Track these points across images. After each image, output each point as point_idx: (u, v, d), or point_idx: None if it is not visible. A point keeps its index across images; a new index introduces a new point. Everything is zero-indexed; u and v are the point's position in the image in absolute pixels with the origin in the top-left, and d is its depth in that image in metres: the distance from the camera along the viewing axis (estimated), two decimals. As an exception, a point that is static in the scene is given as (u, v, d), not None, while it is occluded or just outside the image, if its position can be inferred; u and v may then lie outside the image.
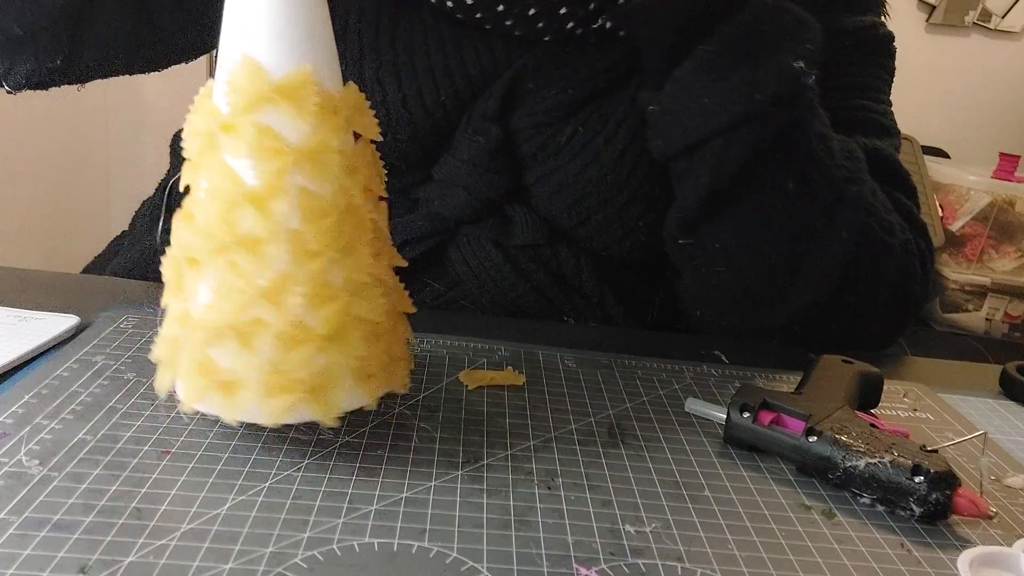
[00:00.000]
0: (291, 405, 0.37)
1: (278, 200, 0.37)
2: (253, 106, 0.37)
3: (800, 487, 0.43)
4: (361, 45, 0.62)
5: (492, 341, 0.56)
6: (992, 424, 0.54)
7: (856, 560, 0.37)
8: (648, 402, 0.50)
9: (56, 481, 0.36)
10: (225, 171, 0.37)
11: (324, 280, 0.37)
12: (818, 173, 0.59)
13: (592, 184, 0.63)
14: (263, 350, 0.37)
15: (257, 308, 0.36)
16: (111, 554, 0.32)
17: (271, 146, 0.37)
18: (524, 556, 0.35)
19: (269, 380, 0.37)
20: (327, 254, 0.37)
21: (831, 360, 0.52)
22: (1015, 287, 2.16)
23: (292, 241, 0.37)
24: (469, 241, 0.64)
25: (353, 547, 0.34)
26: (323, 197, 0.37)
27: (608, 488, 0.40)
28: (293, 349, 0.37)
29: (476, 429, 0.44)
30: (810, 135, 0.59)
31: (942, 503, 0.40)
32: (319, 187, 0.37)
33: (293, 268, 0.37)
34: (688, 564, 0.36)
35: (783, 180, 0.59)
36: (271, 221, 0.37)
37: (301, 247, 0.37)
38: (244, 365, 0.37)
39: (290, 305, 0.36)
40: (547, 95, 0.63)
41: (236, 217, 0.37)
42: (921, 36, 2.38)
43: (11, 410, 0.41)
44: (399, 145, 0.63)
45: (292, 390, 0.37)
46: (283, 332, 0.36)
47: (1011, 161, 2.16)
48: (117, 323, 0.52)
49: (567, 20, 0.63)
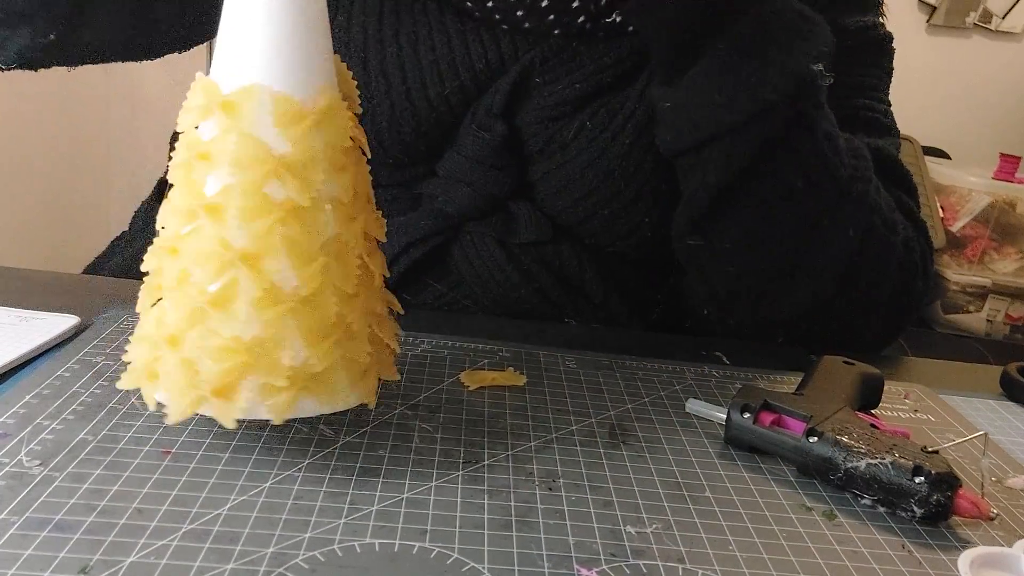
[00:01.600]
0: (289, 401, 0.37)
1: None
2: (203, 118, 0.38)
3: (801, 488, 0.43)
4: (365, 37, 0.62)
5: (493, 342, 0.56)
6: (993, 425, 0.54)
7: (857, 561, 0.37)
8: (649, 403, 0.50)
9: (57, 481, 0.36)
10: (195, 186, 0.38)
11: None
12: (825, 171, 0.59)
13: (599, 179, 0.63)
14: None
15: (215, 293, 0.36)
16: (112, 554, 0.32)
17: (252, 154, 0.37)
18: (525, 557, 0.35)
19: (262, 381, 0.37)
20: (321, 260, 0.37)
21: (832, 361, 0.52)
22: (1016, 288, 2.16)
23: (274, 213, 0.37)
24: (473, 240, 0.64)
25: (354, 547, 0.34)
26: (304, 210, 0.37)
27: (609, 489, 0.40)
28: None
29: (477, 430, 0.44)
30: (818, 133, 0.59)
31: (943, 504, 0.40)
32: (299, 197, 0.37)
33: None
34: (689, 565, 0.36)
35: (791, 178, 0.59)
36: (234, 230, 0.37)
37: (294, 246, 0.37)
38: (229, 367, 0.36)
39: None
40: (554, 90, 0.63)
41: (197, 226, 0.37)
42: (922, 37, 2.38)
43: (12, 410, 0.41)
44: (402, 139, 0.63)
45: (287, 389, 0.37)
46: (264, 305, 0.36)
47: (1012, 162, 2.16)
48: (118, 323, 0.52)
49: (578, 13, 0.63)
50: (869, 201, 0.62)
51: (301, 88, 0.38)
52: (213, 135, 0.37)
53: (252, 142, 0.37)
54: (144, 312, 0.39)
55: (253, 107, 0.37)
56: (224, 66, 0.38)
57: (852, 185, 0.61)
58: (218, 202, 0.37)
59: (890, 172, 0.67)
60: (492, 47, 0.63)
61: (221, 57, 0.38)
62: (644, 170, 0.63)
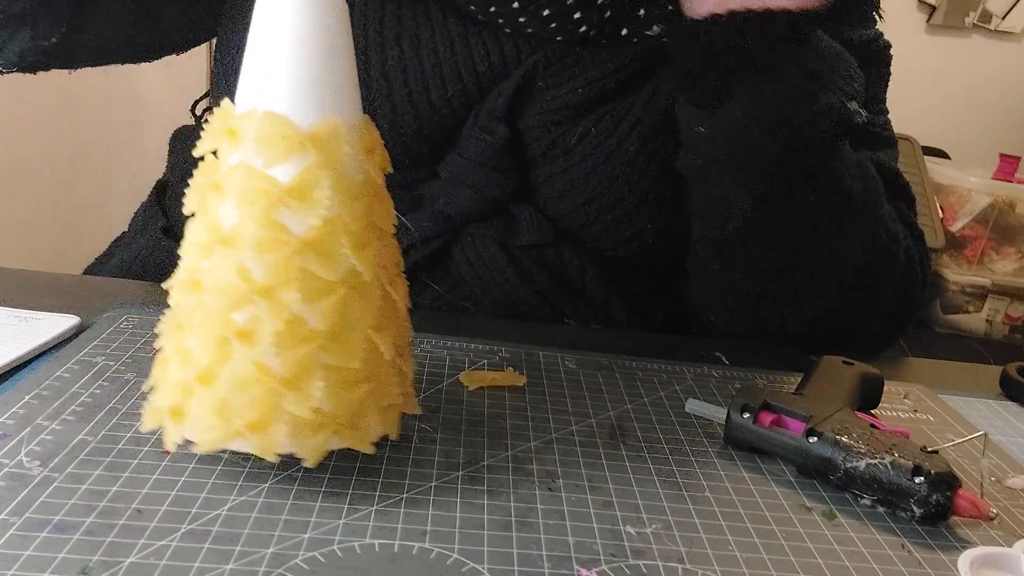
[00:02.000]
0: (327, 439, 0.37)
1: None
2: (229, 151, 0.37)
3: (801, 488, 0.43)
4: (366, 40, 0.62)
5: (492, 342, 0.56)
6: (992, 425, 0.54)
7: (857, 561, 0.37)
8: (649, 403, 0.50)
9: (57, 482, 0.36)
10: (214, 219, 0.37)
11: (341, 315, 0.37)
12: (838, 188, 0.61)
13: (603, 185, 0.63)
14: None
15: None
16: (112, 555, 0.32)
17: (257, 187, 0.36)
18: (525, 557, 0.35)
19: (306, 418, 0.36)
20: (339, 290, 0.37)
21: (832, 361, 0.52)
22: (1016, 288, 2.16)
23: (303, 280, 0.36)
24: (474, 241, 0.64)
25: (354, 548, 0.34)
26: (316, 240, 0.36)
27: (609, 489, 0.40)
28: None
29: (476, 430, 0.44)
30: (839, 159, 0.61)
31: (943, 504, 0.40)
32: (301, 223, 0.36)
33: (305, 307, 0.36)
34: (689, 565, 0.36)
35: (809, 198, 0.60)
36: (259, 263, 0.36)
37: (313, 283, 0.36)
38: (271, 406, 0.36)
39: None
40: (557, 94, 0.63)
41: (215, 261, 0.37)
42: (921, 37, 2.38)
43: (11, 411, 0.41)
44: (404, 141, 0.63)
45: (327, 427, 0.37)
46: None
47: (1011, 162, 2.16)
48: (117, 323, 0.52)
49: (581, 24, 0.63)
50: (876, 213, 0.64)
51: (311, 114, 0.37)
52: (225, 163, 0.37)
53: (257, 173, 0.36)
54: (167, 352, 0.38)
55: (261, 134, 0.36)
56: (243, 89, 0.38)
57: (862, 198, 0.62)
58: (233, 234, 0.36)
59: (891, 184, 0.69)
60: (495, 50, 0.63)
61: (242, 80, 0.38)
62: (648, 177, 0.64)
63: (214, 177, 0.37)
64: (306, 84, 0.37)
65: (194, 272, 0.37)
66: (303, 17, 0.36)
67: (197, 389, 0.36)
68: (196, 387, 0.36)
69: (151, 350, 0.49)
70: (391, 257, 0.40)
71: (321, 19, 0.37)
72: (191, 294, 0.37)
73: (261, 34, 0.37)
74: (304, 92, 0.37)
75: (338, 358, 0.36)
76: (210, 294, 0.36)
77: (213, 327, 0.36)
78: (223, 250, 0.36)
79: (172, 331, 0.38)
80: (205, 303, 0.36)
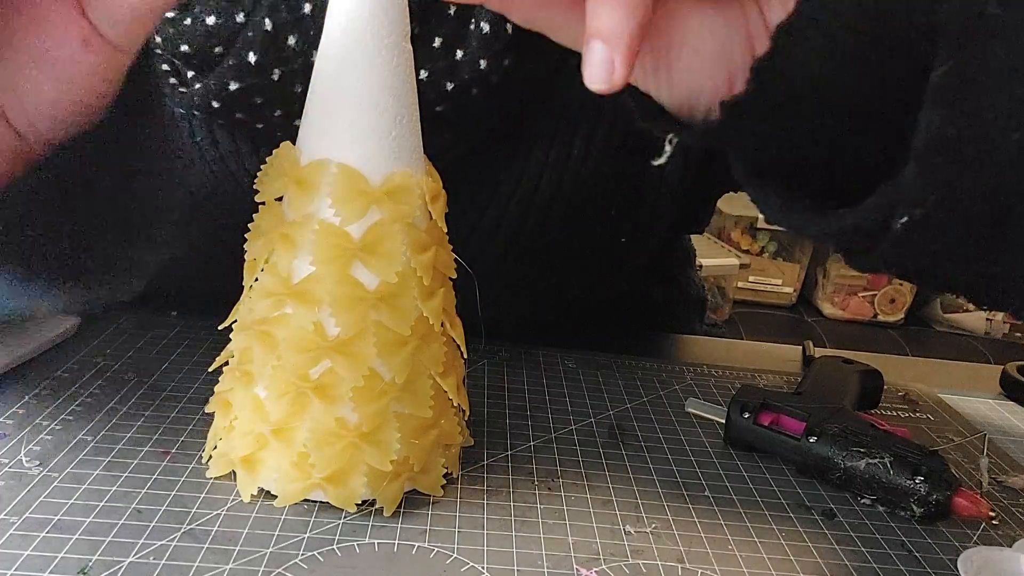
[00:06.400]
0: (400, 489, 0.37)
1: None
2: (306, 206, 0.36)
3: (800, 487, 0.43)
4: None
5: (493, 342, 0.56)
6: (992, 425, 0.54)
7: (856, 560, 0.37)
8: (648, 403, 0.50)
9: (56, 482, 0.36)
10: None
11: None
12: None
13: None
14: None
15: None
16: (111, 555, 0.32)
17: (335, 244, 0.35)
18: (524, 557, 0.35)
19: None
20: (411, 342, 0.36)
21: (831, 360, 0.52)
22: (1015, 288, 2.16)
23: (378, 334, 0.36)
24: None
25: (353, 548, 0.34)
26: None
27: (608, 489, 0.40)
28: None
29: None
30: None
31: (942, 503, 0.40)
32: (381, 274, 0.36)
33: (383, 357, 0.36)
34: (688, 564, 0.36)
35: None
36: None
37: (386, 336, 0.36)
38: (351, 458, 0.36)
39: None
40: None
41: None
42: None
43: (11, 411, 0.41)
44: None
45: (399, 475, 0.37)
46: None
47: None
48: (117, 323, 0.52)
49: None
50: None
51: (383, 166, 0.35)
52: (295, 213, 0.36)
53: (335, 230, 0.35)
54: (236, 400, 0.38)
55: (338, 190, 0.35)
56: (307, 134, 0.36)
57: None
58: (307, 288, 0.35)
59: None
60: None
61: (306, 124, 0.36)
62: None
63: (282, 228, 0.36)
64: (379, 136, 0.35)
65: (264, 322, 0.36)
66: (374, 65, 0.34)
67: (272, 441, 0.36)
68: (271, 439, 0.36)
69: (151, 350, 0.49)
70: (450, 300, 0.39)
71: (391, 67, 0.35)
72: (260, 343, 0.36)
73: (327, 80, 0.35)
74: (378, 144, 0.35)
75: (411, 407, 0.37)
76: (284, 347, 0.35)
77: (288, 380, 0.35)
78: (296, 304, 0.35)
79: (239, 378, 0.38)
80: (278, 355, 0.36)
